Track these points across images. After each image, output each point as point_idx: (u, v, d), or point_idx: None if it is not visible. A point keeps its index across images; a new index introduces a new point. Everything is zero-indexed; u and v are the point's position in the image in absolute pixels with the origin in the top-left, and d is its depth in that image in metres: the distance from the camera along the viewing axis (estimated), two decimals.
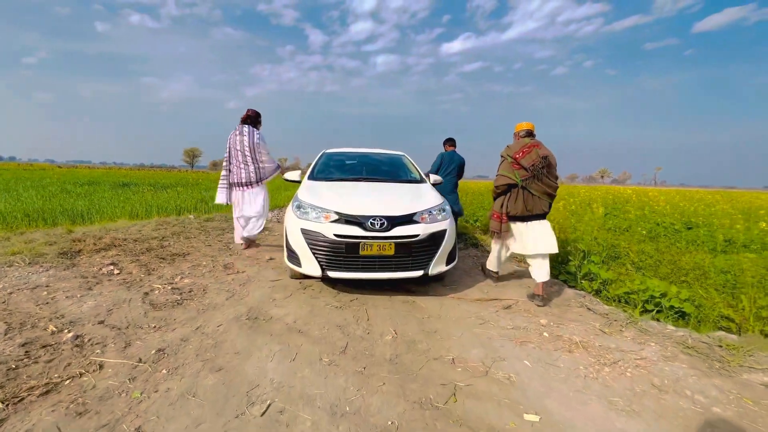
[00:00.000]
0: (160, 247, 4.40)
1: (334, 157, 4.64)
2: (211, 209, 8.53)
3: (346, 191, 3.47)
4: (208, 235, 5.31)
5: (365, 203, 3.20)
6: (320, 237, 3.00)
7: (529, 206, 3.28)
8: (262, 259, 4.38)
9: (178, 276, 3.50)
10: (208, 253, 4.40)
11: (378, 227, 2.98)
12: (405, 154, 4.95)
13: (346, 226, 3.01)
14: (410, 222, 3.11)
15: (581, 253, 4.19)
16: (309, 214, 3.16)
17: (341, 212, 3.07)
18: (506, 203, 3.38)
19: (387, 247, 2.98)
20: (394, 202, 3.27)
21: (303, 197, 3.36)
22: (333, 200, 3.24)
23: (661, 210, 8.01)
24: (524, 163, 3.25)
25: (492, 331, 2.63)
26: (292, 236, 3.16)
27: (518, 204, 3.31)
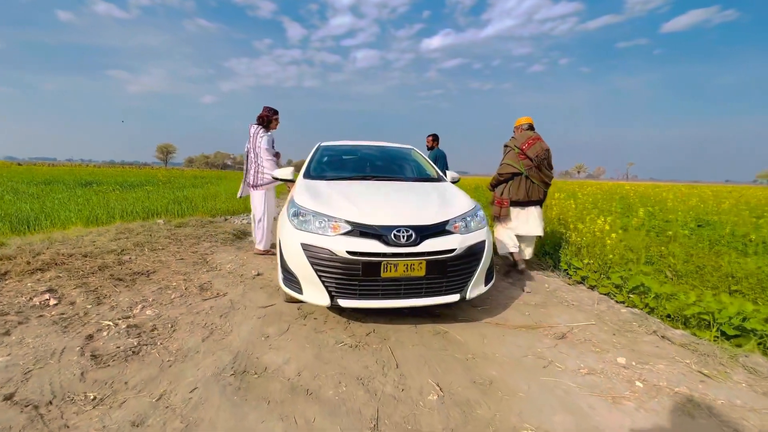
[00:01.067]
0: (118, 263, 3.54)
1: (333, 152, 3.89)
2: (185, 212, 7.57)
3: (355, 193, 2.75)
4: (179, 244, 4.45)
5: (384, 209, 2.50)
6: (328, 255, 2.27)
7: (530, 193, 3.67)
8: (246, 274, 3.60)
9: (139, 305, 2.69)
10: (179, 269, 3.58)
11: (404, 241, 2.29)
12: (414, 147, 4.26)
13: (361, 239, 2.30)
14: (442, 233, 2.43)
15: (626, 262, 3.63)
16: (311, 223, 2.42)
17: (355, 221, 2.35)
18: (508, 189, 3.71)
19: (416, 266, 2.29)
20: (420, 208, 2.58)
21: (301, 201, 2.61)
22: (341, 205, 2.51)
23: (672, 207, 7.65)
24: (530, 153, 3.60)
25: (565, 378, 1.99)
26: (290, 253, 2.42)
27: (520, 191, 3.66)
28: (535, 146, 3.61)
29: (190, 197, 10.66)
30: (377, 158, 3.92)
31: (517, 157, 3.62)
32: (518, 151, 3.62)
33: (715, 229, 5.96)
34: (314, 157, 3.64)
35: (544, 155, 3.63)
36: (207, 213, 7.93)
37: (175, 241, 4.51)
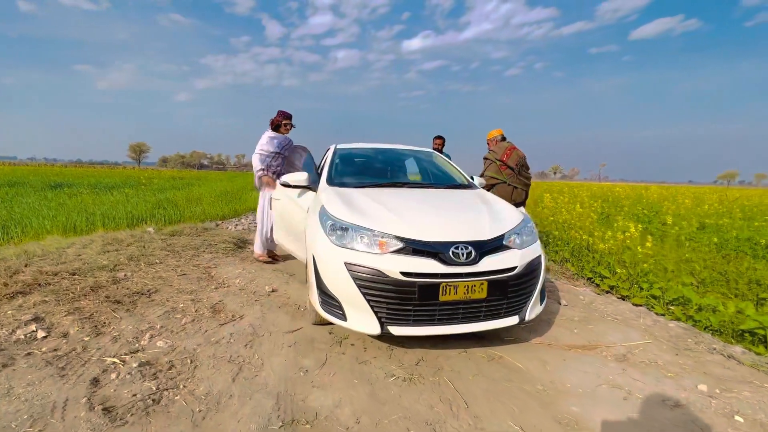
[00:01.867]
0: (112, 281, 3.11)
1: (352, 155, 3.58)
2: (173, 217, 7.03)
3: (395, 204, 2.46)
4: (178, 257, 4.02)
5: (435, 223, 2.23)
6: (379, 276, 1.99)
7: (513, 197, 4.05)
8: (260, 291, 3.25)
9: (146, 334, 2.31)
10: (183, 286, 3.19)
11: (464, 259, 2.03)
12: (434, 151, 4.01)
13: (415, 258, 2.02)
14: (500, 249, 2.19)
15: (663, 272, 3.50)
16: (353, 239, 2.13)
17: (407, 237, 2.07)
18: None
19: (477, 287, 2.04)
20: (471, 221, 2.33)
21: (337, 212, 2.31)
22: (385, 218, 2.23)
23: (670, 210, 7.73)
24: (510, 163, 4.06)
25: (654, 413, 1.79)
26: (330, 273, 2.11)
27: (505, 197, 3.87)
28: (513, 155, 4.08)
29: (173, 200, 10.05)
30: (401, 163, 3.65)
31: (498, 168, 4.08)
32: (500, 163, 4.08)
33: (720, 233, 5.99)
34: (333, 161, 3.32)
35: (522, 162, 4.12)
36: (196, 218, 7.43)
37: (172, 253, 4.08)
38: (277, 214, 3.76)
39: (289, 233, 3.47)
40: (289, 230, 3.47)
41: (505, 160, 4.09)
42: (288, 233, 3.50)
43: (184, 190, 13.95)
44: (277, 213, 3.77)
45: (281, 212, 3.64)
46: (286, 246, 3.58)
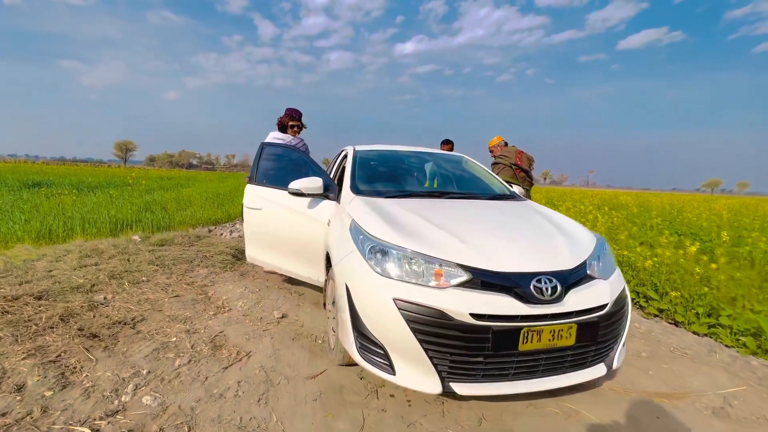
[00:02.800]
0: (89, 307, 2.56)
1: (376, 159, 3.10)
2: (161, 222, 6.41)
3: (444, 219, 2.00)
4: (168, 273, 3.48)
5: (504, 246, 1.77)
6: (442, 319, 1.52)
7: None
8: (267, 317, 2.75)
9: (129, 384, 1.80)
10: (176, 312, 2.66)
11: (549, 295, 1.58)
12: (464, 155, 3.56)
13: (486, 295, 1.56)
14: (583, 280, 1.74)
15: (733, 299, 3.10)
16: (402, 267, 1.66)
17: (474, 267, 1.61)
18: None
19: (565, 332, 1.59)
20: (545, 243, 1.88)
21: (376, 230, 1.84)
22: (440, 239, 1.76)
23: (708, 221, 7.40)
24: (523, 165, 4.11)
25: None
26: (372, 311, 1.64)
27: None
28: (524, 159, 4.15)
29: (161, 202, 9.41)
30: (436, 169, 3.19)
31: (514, 173, 4.09)
32: (515, 167, 4.10)
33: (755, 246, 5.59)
34: (355, 165, 2.83)
35: (531, 163, 4.18)
36: (186, 223, 6.84)
37: (161, 267, 3.53)
38: (256, 226, 3.05)
39: (286, 251, 2.91)
40: (287, 247, 2.90)
41: (519, 163, 4.15)
42: (283, 250, 2.93)
43: (172, 191, 13.26)
44: (256, 225, 3.05)
45: (267, 224, 2.98)
46: (278, 265, 3.00)
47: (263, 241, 3.06)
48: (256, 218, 3.04)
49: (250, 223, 3.10)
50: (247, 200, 3.08)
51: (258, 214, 3.02)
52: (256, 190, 3.07)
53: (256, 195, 3.04)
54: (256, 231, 3.08)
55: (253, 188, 3.10)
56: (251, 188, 3.11)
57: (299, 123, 3.50)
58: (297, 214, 2.79)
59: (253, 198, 3.05)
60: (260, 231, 3.06)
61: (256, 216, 3.04)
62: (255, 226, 3.08)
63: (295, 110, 3.48)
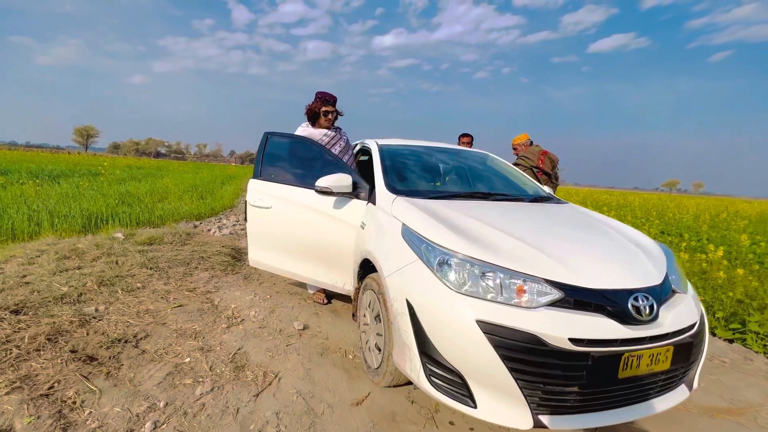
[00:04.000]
0: (80, 322, 2.17)
1: (404, 155, 2.84)
2: (141, 217, 5.87)
3: (508, 224, 1.80)
4: (166, 277, 3.09)
5: (586, 257, 1.59)
6: (535, 345, 1.32)
7: None
8: (287, 329, 2.46)
9: (146, 422, 1.49)
10: (183, 326, 2.33)
11: (647, 315, 1.42)
12: (488, 152, 3.38)
13: (580, 315, 1.38)
14: (671, 295, 1.60)
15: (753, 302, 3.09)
16: (478, 282, 1.44)
17: (565, 283, 1.42)
18: None
19: (662, 356, 1.43)
20: (624, 254, 1.71)
21: (441, 239, 1.61)
22: (517, 249, 1.56)
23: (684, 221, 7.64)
24: (546, 168, 3.86)
25: None
26: (452, 335, 1.42)
27: None
28: (546, 161, 3.89)
29: (136, 194, 8.73)
30: (463, 167, 2.98)
31: (535, 175, 3.85)
32: (536, 169, 3.86)
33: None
34: (384, 162, 2.56)
35: (555, 165, 3.93)
36: (168, 218, 6.31)
37: (156, 271, 3.13)
38: (264, 226, 2.73)
39: (303, 254, 2.62)
40: (304, 251, 2.61)
41: (541, 166, 3.90)
42: (299, 254, 2.63)
43: (145, 182, 12.39)
44: (264, 225, 2.73)
45: (278, 224, 2.67)
46: (291, 270, 2.69)
47: (273, 243, 2.74)
48: (265, 218, 2.71)
49: (256, 223, 2.75)
50: (252, 197, 2.73)
51: (267, 214, 2.69)
52: (264, 187, 2.73)
53: (265, 192, 2.71)
54: (264, 232, 2.76)
55: (259, 184, 2.76)
56: (257, 184, 2.77)
57: (334, 109, 2.85)
58: (319, 214, 2.51)
59: (261, 195, 2.71)
60: (269, 232, 2.74)
61: (265, 215, 2.70)
62: (263, 227, 2.75)
63: (327, 93, 2.84)
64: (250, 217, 2.79)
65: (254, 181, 2.80)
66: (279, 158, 2.92)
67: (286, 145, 2.96)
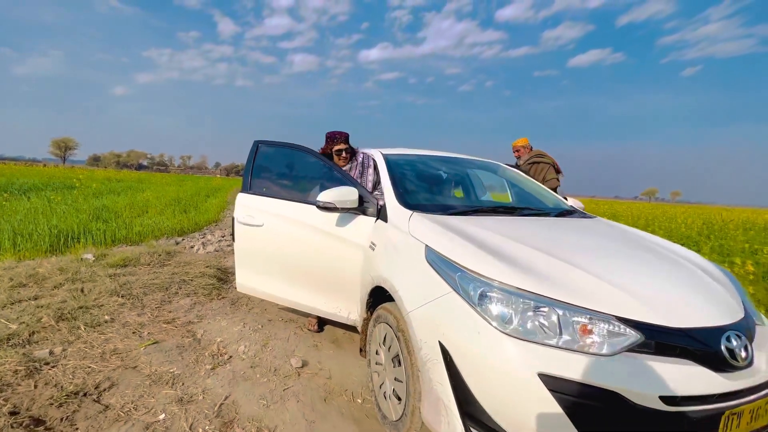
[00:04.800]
0: (27, 371, 1.77)
1: (414, 166, 2.55)
2: (117, 234, 5.40)
3: (552, 245, 1.52)
4: (140, 306, 2.68)
5: (658, 288, 1.32)
6: (616, 405, 1.02)
7: None
8: (282, 368, 2.10)
9: None
10: (159, 368, 1.94)
11: (743, 359, 1.14)
12: (499, 162, 3.13)
13: (668, 363, 1.09)
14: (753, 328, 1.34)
15: None
16: (531, 319, 1.15)
17: (643, 321, 1.14)
18: None
19: (762, 409, 1.15)
20: (696, 281, 1.45)
21: (478, 265, 1.31)
22: (572, 277, 1.28)
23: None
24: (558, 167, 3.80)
25: None
26: (501, 390, 1.11)
27: None
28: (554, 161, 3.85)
29: (114, 209, 8.21)
30: (479, 179, 2.73)
31: (558, 171, 3.79)
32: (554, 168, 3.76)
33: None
34: (393, 174, 2.25)
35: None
36: (148, 234, 5.86)
37: (129, 299, 2.72)
38: (254, 247, 2.44)
39: (299, 279, 2.31)
40: (301, 275, 2.30)
41: (557, 166, 3.78)
42: (294, 279, 2.32)
43: (125, 195, 11.79)
44: (254, 246, 2.44)
45: (271, 245, 2.38)
46: (284, 297, 2.38)
47: (265, 266, 2.42)
48: (256, 237, 2.39)
49: (245, 242, 2.44)
50: (240, 214, 2.41)
51: (258, 233, 2.37)
52: (255, 202, 2.43)
53: (255, 208, 2.40)
54: (255, 253, 2.44)
55: (249, 199, 2.45)
56: (246, 199, 2.46)
57: (347, 146, 2.58)
58: (320, 233, 2.19)
59: (251, 211, 2.40)
60: (261, 253, 2.42)
61: (256, 234, 2.38)
62: (253, 247, 2.43)
63: (335, 132, 2.60)
64: (238, 236, 2.46)
65: (243, 196, 2.47)
66: (271, 170, 2.63)
67: (279, 155, 2.66)
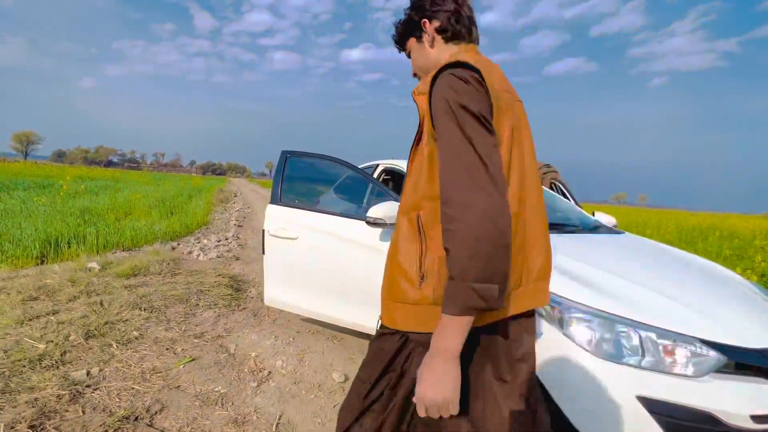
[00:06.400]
0: (71, 396, 1.64)
1: None
2: (110, 239, 5.13)
3: (614, 264, 1.59)
4: (165, 320, 2.56)
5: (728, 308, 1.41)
6: (709, 426, 1.09)
7: None
8: (326, 382, 2.08)
9: None
10: (204, 388, 1.87)
11: None
12: None
13: (746, 383, 1.17)
14: None
15: None
16: (616, 341, 1.20)
17: (724, 343, 1.21)
18: None
19: None
20: (745, 299, 1.55)
21: (566, 292, 1.35)
22: (647, 298, 1.35)
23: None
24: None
25: None
26: (597, 414, 1.16)
27: None
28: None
29: (97, 211, 7.82)
30: None
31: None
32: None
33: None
34: None
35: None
36: (141, 239, 5.61)
37: (153, 312, 2.60)
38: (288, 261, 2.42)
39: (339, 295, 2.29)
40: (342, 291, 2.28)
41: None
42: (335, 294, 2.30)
43: (103, 195, 11.23)
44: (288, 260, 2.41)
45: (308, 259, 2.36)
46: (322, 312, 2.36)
47: (301, 280, 2.40)
48: (289, 250, 2.39)
49: (277, 255, 2.44)
50: (272, 226, 2.41)
51: (292, 246, 2.37)
52: (287, 214, 2.42)
53: (289, 220, 2.40)
54: (288, 267, 2.43)
55: (280, 210, 2.45)
56: (277, 210, 2.45)
57: None
58: (364, 248, 2.19)
59: (284, 224, 2.39)
60: (295, 267, 2.41)
61: (290, 247, 2.38)
62: (286, 261, 2.43)
63: None
64: (269, 249, 2.44)
65: (274, 207, 2.46)
66: (303, 181, 2.68)
67: (310, 166, 2.68)
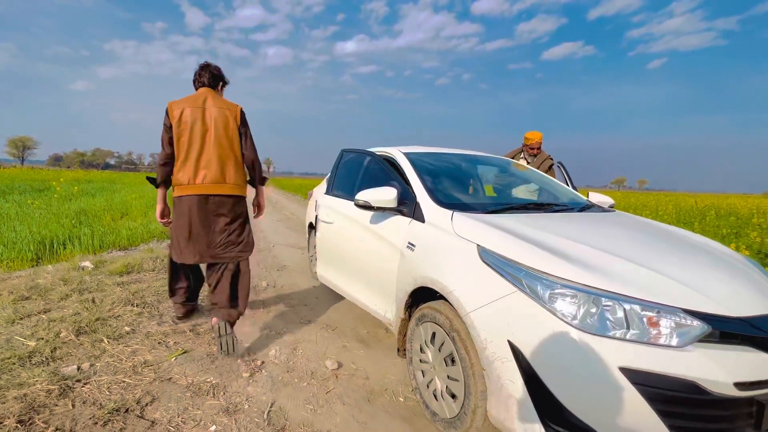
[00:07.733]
0: (61, 390, 1.64)
1: (436, 164, 2.53)
2: (105, 239, 5.12)
3: (602, 241, 1.58)
4: (157, 314, 2.56)
5: (710, 279, 1.40)
6: (693, 394, 1.09)
7: None
8: (318, 370, 2.08)
9: None
10: (195, 379, 1.87)
11: None
12: (508, 158, 3.18)
13: (734, 351, 1.17)
14: None
15: None
16: (602, 315, 1.20)
17: (707, 313, 1.20)
18: None
19: None
20: (734, 271, 1.54)
21: (546, 265, 1.34)
22: (631, 271, 1.34)
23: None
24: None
25: None
26: (581, 386, 1.16)
27: None
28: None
29: (93, 212, 7.81)
30: (498, 175, 2.78)
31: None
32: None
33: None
34: (420, 173, 2.23)
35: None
36: (137, 239, 5.60)
37: (145, 307, 2.60)
38: (325, 242, 2.87)
39: (353, 274, 2.52)
40: (354, 270, 2.50)
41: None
42: (350, 274, 2.56)
43: (100, 197, 11.21)
44: (325, 241, 2.87)
45: (334, 240, 2.75)
46: (344, 290, 2.64)
47: (332, 260, 2.80)
48: (327, 233, 2.84)
49: (321, 238, 2.94)
50: (321, 213, 2.94)
51: (328, 229, 2.81)
52: (330, 202, 2.90)
53: (330, 207, 2.85)
54: (325, 247, 2.88)
55: (326, 199, 2.97)
56: (325, 199, 2.99)
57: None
58: (366, 230, 2.28)
59: (327, 211, 2.88)
60: (328, 247, 2.84)
61: (327, 231, 2.83)
62: (324, 242, 2.89)
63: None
64: (319, 233, 2.96)
65: (324, 197, 3.03)
66: (346, 173, 2.97)
67: (355, 160, 2.94)
